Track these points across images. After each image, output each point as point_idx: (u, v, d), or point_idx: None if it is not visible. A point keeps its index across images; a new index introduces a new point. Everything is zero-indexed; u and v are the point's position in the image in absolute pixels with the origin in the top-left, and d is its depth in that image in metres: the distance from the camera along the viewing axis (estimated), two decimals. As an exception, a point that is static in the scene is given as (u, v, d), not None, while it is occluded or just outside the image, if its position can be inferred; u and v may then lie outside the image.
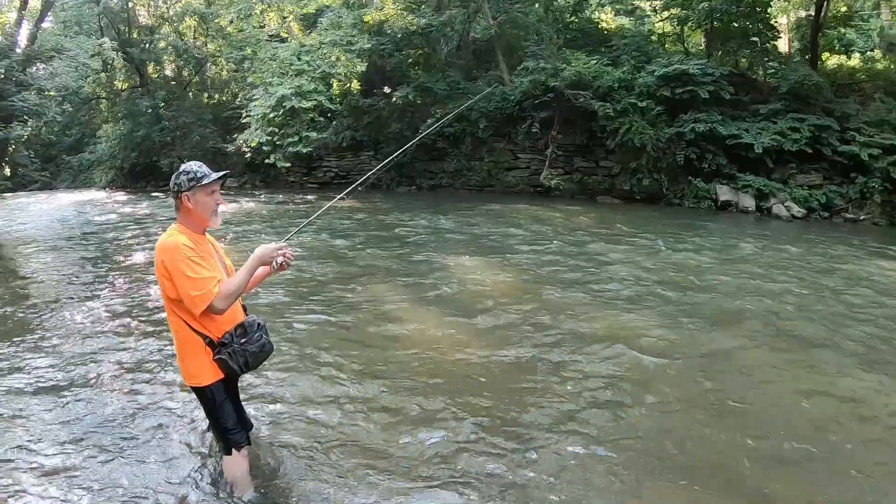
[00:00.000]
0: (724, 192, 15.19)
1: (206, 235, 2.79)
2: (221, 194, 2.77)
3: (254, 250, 2.68)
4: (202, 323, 2.62)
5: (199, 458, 3.23)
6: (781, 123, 15.31)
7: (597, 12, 19.19)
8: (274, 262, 2.71)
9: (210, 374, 2.68)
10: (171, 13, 23.40)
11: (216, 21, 21.55)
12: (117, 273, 7.77)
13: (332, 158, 17.92)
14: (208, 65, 23.10)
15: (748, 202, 15.07)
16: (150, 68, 23.77)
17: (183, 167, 2.68)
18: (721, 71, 15.69)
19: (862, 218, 14.82)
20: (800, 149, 14.96)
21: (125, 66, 23.41)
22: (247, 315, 2.88)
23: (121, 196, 19.76)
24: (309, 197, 16.08)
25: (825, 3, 17.59)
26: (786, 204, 14.93)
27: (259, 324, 2.80)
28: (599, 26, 18.71)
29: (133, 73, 23.58)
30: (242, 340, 2.68)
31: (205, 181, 2.62)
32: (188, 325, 2.62)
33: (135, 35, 22.89)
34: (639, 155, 14.79)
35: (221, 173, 2.70)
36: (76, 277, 7.65)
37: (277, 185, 18.59)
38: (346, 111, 17.33)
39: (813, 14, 17.92)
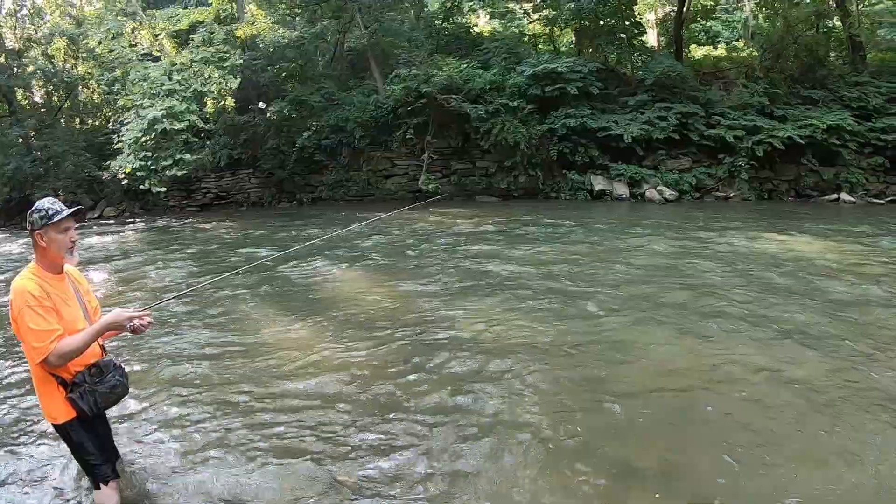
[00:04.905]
0: (598, 182, 15.66)
1: (65, 273, 2.71)
2: (100, 225, 2.60)
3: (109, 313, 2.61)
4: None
5: (72, 494, 3.18)
6: (649, 113, 15.97)
7: (469, 17, 19.49)
8: (128, 325, 2.62)
9: (64, 413, 2.64)
10: (38, 35, 22.04)
11: (85, 42, 20.41)
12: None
13: (212, 179, 17.25)
14: (79, 88, 21.86)
15: (622, 190, 15.59)
16: (19, 95, 22.25)
17: (36, 204, 2.61)
18: (589, 67, 16.21)
19: (732, 195, 15.66)
20: (668, 136, 15.65)
21: (-8, 94, 21.84)
22: (104, 354, 2.81)
23: (-7, 235, 18.35)
24: (187, 220, 15.40)
25: (686, -1, 18.57)
26: (658, 188, 15.54)
27: (115, 364, 2.77)
28: (471, 31, 19.04)
29: (1, 100, 22.02)
30: (96, 381, 2.64)
31: (56, 218, 2.54)
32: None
33: (1, 59, 21.40)
34: (513, 153, 15.04)
35: (73, 209, 2.61)
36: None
37: (157, 210, 17.70)
38: (221, 130, 16.73)
39: (676, 10, 18.91)
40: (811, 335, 4.83)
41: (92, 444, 2.74)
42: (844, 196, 14.99)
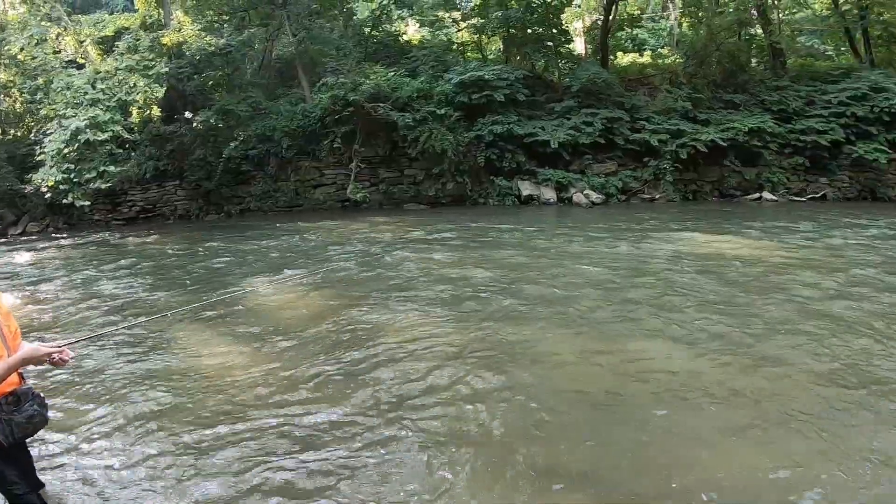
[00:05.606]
0: (526, 188, 16.01)
1: None
2: (23, 242, 2.50)
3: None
4: None
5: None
6: (575, 119, 16.41)
7: (398, 25, 19.62)
8: (46, 359, 2.60)
9: None
10: (-43, 42, 21.05)
11: (7, 48, 19.65)
12: None
13: (137, 192, 16.80)
14: (1, 97, 21.03)
15: (549, 194, 15.98)
16: (-63, 106, 21.26)
17: None
18: (516, 74, 16.54)
19: (657, 197, 16.25)
20: (594, 141, 16.10)
21: None
22: (23, 383, 2.72)
23: None
24: (108, 236, 14.99)
25: (613, 7, 19.18)
26: (584, 192, 15.98)
27: (34, 393, 2.68)
28: (400, 39, 19.20)
29: (-83, 112, 20.97)
30: (13, 409, 2.55)
31: None
32: None
33: (-84, 68, 20.37)
34: (441, 161, 15.22)
35: None
36: None
37: (82, 225, 17.11)
38: (146, 140, 16.37)
39: (603, 18, 19.50)
40: (730, 334, 5.06)
41: (14, 474, 2.66)
42: (766, 195, 15.81)
